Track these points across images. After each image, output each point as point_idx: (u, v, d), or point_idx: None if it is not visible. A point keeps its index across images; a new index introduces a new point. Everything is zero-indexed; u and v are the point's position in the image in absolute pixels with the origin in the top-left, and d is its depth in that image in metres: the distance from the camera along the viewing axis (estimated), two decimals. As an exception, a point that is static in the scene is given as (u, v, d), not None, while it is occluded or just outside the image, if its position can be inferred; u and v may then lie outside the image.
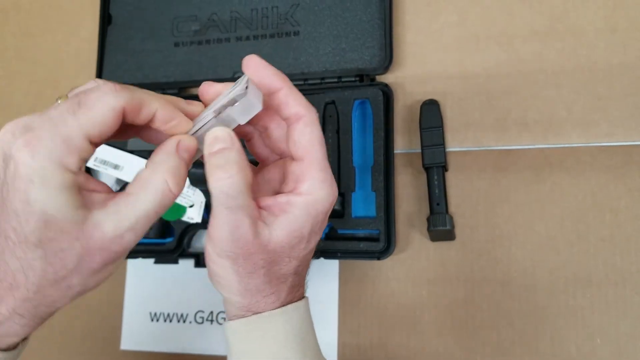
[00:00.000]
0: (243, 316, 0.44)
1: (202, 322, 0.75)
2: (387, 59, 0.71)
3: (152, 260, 0.76)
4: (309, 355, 0.46)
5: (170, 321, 0.77)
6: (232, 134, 0.39)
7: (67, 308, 0.52)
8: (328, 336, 0.71)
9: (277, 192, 0.44)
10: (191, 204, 0.73)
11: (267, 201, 0.42)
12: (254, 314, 0.43)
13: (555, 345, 0.64)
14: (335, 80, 0.73)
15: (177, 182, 0.38)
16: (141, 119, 0.37)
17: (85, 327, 0.79)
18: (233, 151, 0.38)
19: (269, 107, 0.42)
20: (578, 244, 0.65)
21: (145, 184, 0.37)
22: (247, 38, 0.77)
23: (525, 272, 0.66)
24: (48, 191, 0.34)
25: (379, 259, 0.67)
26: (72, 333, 0.79)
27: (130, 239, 0.37)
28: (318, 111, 0.70)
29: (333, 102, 0.71)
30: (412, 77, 0.73)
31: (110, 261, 0.38)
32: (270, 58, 0.76)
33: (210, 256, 0.42)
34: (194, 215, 0.73)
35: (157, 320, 0.77)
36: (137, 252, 0.75)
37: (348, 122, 0.71)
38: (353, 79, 0.73)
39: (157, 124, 0.38)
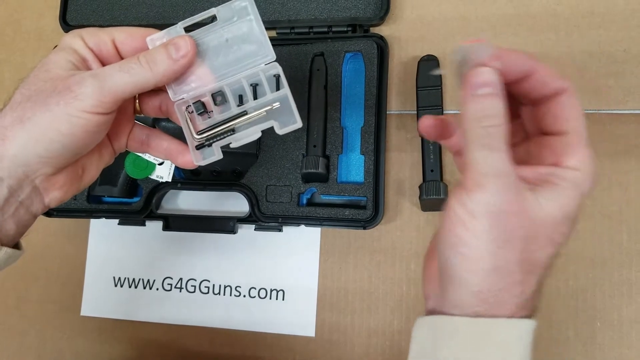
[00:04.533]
0: (473, 314, 0.35)
1: (170, 290, 0.70)
2: (384, 9, 0.66)
3: (116, 221, 0.70)
4: None
5: (136, 287, 0.71)
6: (500, 82, 0.35)
7: (25, 269, 0.47)
8: (305, 311, 0.66)
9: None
10: (161, 160, 0.66)
11: (525, 171, 0.37)
12: (486, 316, 0.35)
13: (553, 328, 0.60)
14: (325, 29, 0.67)
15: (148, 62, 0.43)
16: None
17: (44, 291, 0.74)
18: (501, 102, 0.35)
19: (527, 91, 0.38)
20: (582, 220, 0.60)
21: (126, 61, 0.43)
22: (230, -21, 0.69)
23: (524, 248, 0.61)
24: (58, 50, 0.44)
25: (364, 228, 0.62)
26: (29, 297, 0.74)
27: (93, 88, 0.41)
28: (305, 63, 0.65)
29: (322, 54, 0.65)
30: (410, 29, 0.67)
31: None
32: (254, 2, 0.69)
33: (460, 216, 0.35)
34: (163, 174, 0.67)
35: (121, 285, 0.71)
36: (100, 211, 0.69)
37: (337, 77, 0.65)
38: (345, 29, 0.66)
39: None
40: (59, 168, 0.44)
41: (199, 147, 0.46)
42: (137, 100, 0.48)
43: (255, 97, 0.46)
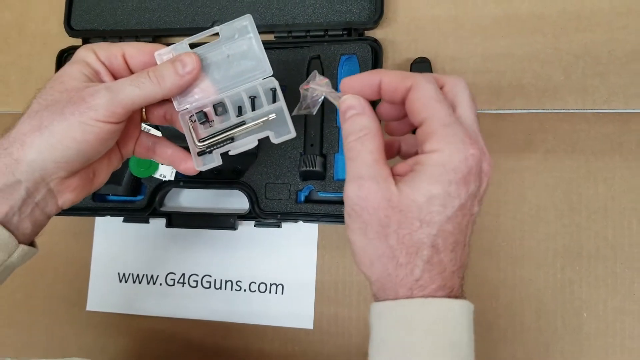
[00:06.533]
0: (378, 299, 0.41)
1: (173, 285, 0.72)
2: (378, 13, 0.67)
3: (121, 218, 0.72)
4: None
5: (140, 282, 0.73)
6: (362, 101, 0.42)
7: (32, 266, 0.50)
8: (304, 304, 0.68)
9: None
10: (164, 160, 0.69)
11: (398, 168, 0.42)
12: (387, 298, 0.40)
13: (541, 319, 0.62)
14: (321, 33, 0.69)
15: (157, 76, 0.46)
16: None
17: (50, 287, 0.76)
18: (364, 117, 0.42)
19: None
20: (569, 215, 0.63)
21: (137, 76, 0.46)
22: (229, -16, 0.71)
23: (513, 242, 0.63)
24: (73, 62, 0.47)
25: (360, 224, 0.64)
26: (36, 293, 0.76)
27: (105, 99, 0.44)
28: (302, 66, 0.67)
29: (318, 57, 0.67)
30: (403, 33, 0.69)
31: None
32: (252, 7, 0.72)
33: (347, 224, 0.42)
34: (166, 173, 0.69)
35: (126, 281, 0.74)
36: (105, 209, 0.71)
37: (333, 79, 0.67)
38: (340, 32, 0.68)
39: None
40: (73, 172, 0.46)
41: (200, 153, 0.49)
42: (143, 110, 0.51)
43: (253, 109, 0.49)
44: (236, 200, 0.71)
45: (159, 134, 0.63)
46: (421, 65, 0.65)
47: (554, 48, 0.65)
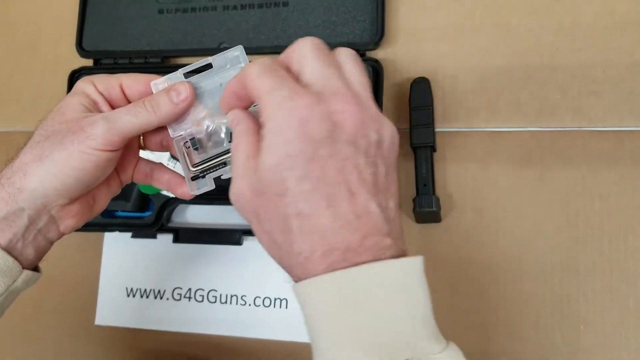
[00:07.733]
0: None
1: (180, 299, 0.74)
2: (379, 34, 0.69)
3: (129, 234, 0.74)
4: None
5: (147, 297, 0.75)
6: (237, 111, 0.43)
7: (42, 280, 0.52)
8: (308, 317, 0.69)
9: None
10: (171, 177, 0.70)
11: None
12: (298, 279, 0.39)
13: (540, 332, 0.63)
14: (325, 54, 0.70)
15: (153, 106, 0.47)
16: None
17: (59, 301, 0.77)
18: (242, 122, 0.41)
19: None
20: (566, 230, 0.64)
21: (133, 105, 0.48)
22: (235, 7, 0.74)
23: (512, 257, 0.65)
24: (72, 94, 0.49)
25: (362, 239, 0.65)
26: (45, 307, 0.77)
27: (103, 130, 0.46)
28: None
29: (321, 77, 0.69)
30: (403, 53, 0.71)
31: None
32: (257, 29, 0.74)
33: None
34: (173, 189, 0.71)
35: (134, 295, 0.75)
36: (114, 225, 0.73)
37: (336, 98, 0.68)
38: (342, 53, 0.70)
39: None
40: (73, 199, 0.48)
41: (194, 178, 0.51)
42: (141, 137, 0.53)
43: None
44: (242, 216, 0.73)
45: (159, 159, 0.65)
46: (420, 84, 0.67)
47: (550, 68, 0.67)
